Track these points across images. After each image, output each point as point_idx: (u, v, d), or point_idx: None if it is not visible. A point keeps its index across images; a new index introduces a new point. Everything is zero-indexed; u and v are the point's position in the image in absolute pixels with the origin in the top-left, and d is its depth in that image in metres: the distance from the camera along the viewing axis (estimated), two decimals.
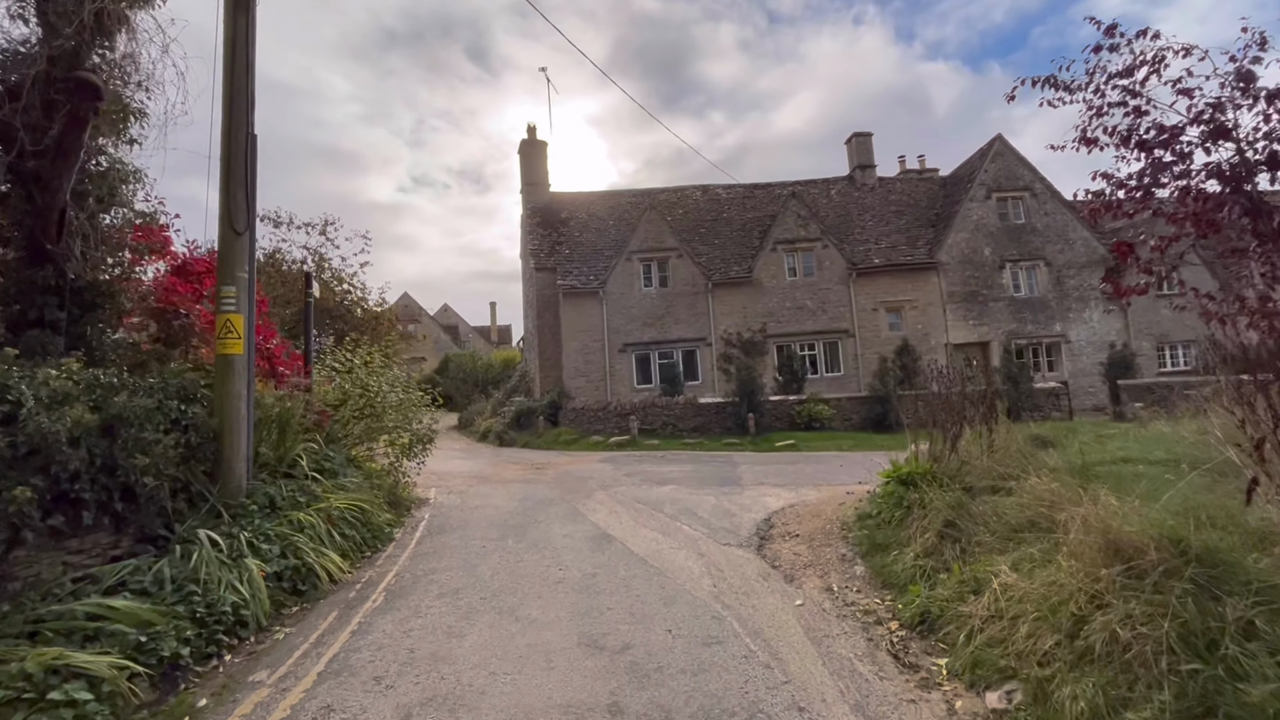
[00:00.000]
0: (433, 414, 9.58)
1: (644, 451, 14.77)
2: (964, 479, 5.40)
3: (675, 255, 21.43)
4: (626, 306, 21.12)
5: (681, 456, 13.37)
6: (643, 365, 21.15)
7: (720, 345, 20.94)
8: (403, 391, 8.94)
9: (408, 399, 8.68)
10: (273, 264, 23.64)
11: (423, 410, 9.13)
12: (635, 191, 25.48)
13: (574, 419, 18.15)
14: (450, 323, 65.10)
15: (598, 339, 20.93)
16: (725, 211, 24.10)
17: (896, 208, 23.68)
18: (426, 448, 9.05)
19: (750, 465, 11.42)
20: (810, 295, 21.26)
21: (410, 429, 8.65)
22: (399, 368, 9.32)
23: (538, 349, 22.20)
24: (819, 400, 16.06)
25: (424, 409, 9.15)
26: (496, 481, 10.84)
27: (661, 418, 16.41)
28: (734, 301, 21.25)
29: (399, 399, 8.51)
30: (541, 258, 22.37)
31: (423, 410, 9.13)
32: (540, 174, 24.80)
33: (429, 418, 9.18)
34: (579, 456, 14.51)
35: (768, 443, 14.51)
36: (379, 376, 8.66)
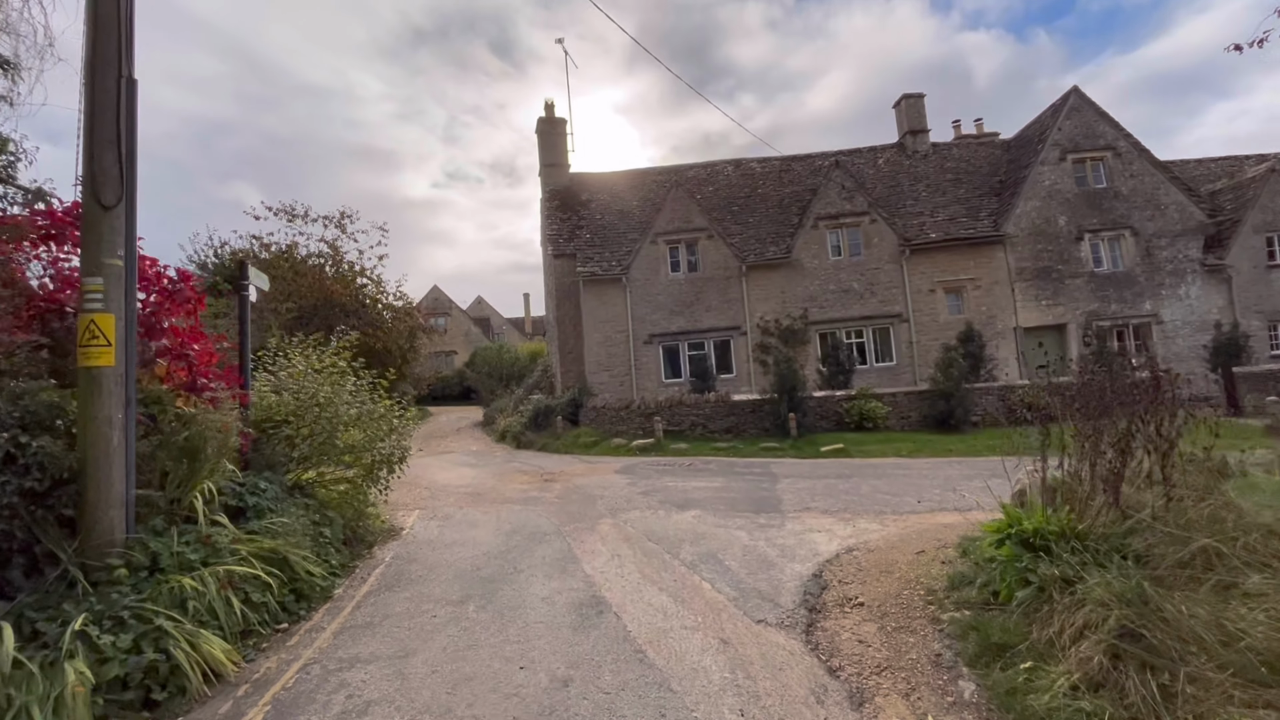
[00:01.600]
0: (406, 427, 8.00)
1: (669, 458, 13.03)
2: (1133, 543, 3.50)
3: (705, 236, 19.50)
4: (652, 294, 19.35)
5: (711, 465, 11.59)
6: (671, 358, 19.37)
7: (756, 334, 18.97)
8: (366, 402, 7.41)
9: (368, 413, 7.11)
10: (287, 259, 22.75)
11: (391, 425, 7.56)
12: (661, 169, 23.57)
13: (595, 419, 16.54)
14: (483, 315, 64.51)
15: (621, 330, 19.24)
16: (760, 187, 21.98)
17: (954, 176, 21.13)
18: (396, 470, 7.49)
19: (792, 480, 9.56)
20: (857, 276, 19.04)
21: (373, 449, 7.09)
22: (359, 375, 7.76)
23: (558, 342, 20.65)
24: (871, 396, 13.99)
25: (391, 423, 7.57)
26: (492, 501, 9.28)
27: (690, 417, 14.63)
28: (771, 286, 19.22)
29: (356, 413, 6.96)
30: (560, 243, 20.74)
31: (391, 425, 7.56)
32: (559, 154, 23.14)
33: (395, 436, 7.58)
34: (596, 463, 12.89)
35: (811, 446, 12.58)
36: (336, 385, 7.15)
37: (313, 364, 7.25)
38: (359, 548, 6.78)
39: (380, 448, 7.06)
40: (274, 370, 7.24)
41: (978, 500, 7.16)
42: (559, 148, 23.13)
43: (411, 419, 8.47)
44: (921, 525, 6.48)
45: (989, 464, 10.21)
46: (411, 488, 11.08)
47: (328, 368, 7.39)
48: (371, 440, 7.03)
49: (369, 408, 7.20)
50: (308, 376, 7.07)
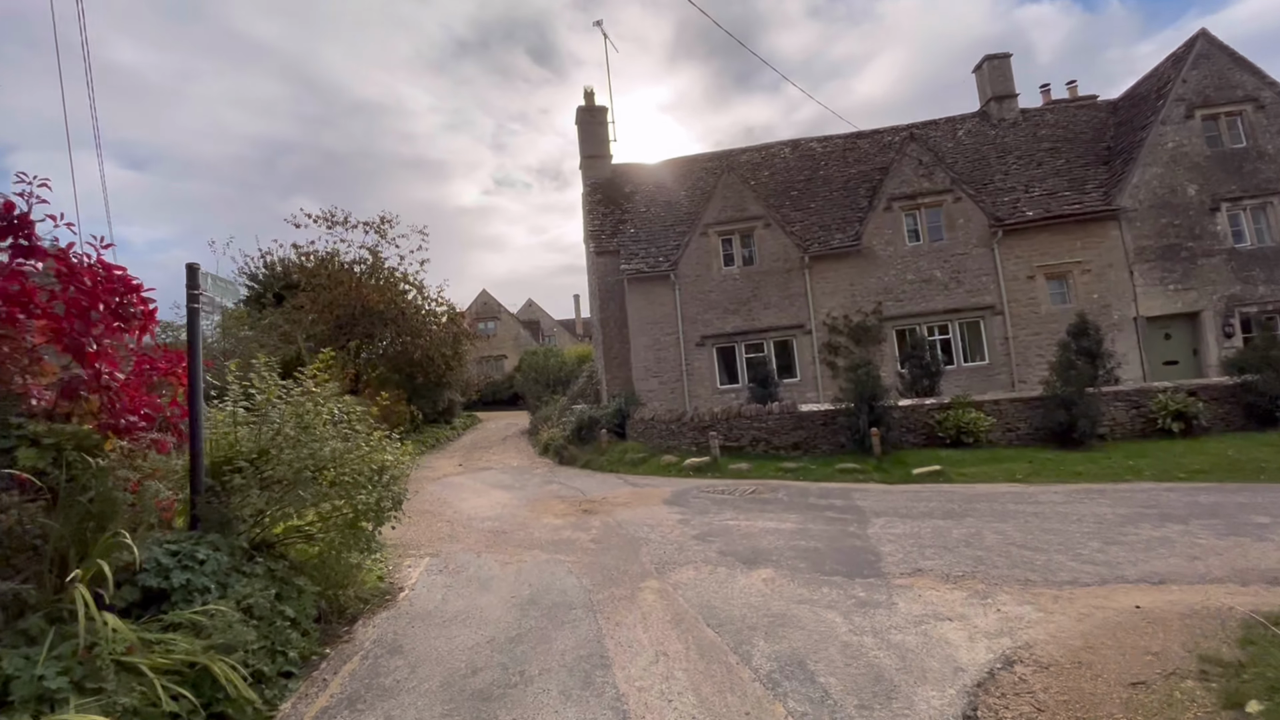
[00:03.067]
0: (403, 465, 6.54)
1: (728, 480, 11.23)
2: None
3: (761, 225, 17.53)
4: (704, 291, 17.54)
5: (779, 493, 9.72)
6: (726, 361, 17.52)
7: (823, 333, 16.88)
8: (351, 436, 5.98)
9: (341, 452, 5.65)
10: (326, 267, 22.16)
11: (381, 464, 6.09)
12: (710, 155, 21.70)
13: (643, 432, 14.89)
14: (532, 318, 64.13)
15: (671, 331, 17.52)
16: (822, 169, 19.79)
17: (1051, 145, 18.34)
18: (388, 517, 6.01)
19: (887, 519, 7.60)
20: (940, 264, 16.65)
21: (353, 499, 5.60)
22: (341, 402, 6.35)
23: (602, 346, 19.13)
24: (969, 404, 11.73)
25: (382, 461, 6.10)
26: (517, 545, 7.75)
27: (751, 431, 12.76)
28: (838, 278, 17.07)
29: (330, 451, 5.50)
30: (603, 239, 19.21)
31: (381, 464, 6.09)
32: (600, 144, 21.62)
33: (388, 478, 6.09)
34: (643, 487, 11.23)
35: (900, 467, 10.52)
36: (309, 414, 5.74)
37: (273, 389, 5.85)
38: (337, 624, 5.34)
39: (361, 498, 5.58)
40: (252, 398, 5.89)
41: (1176, 565, 5.10)
42: (600, 138, 21.62)
43: (409, 454, 7.00)
44: (1104, 611, 4.49)
45: (1145, 495, 7.96)
46: (434, 519, 9.73)
47: (306, 393, 6.00)
48: (351, 486, 5.56)
49: (343, 446, 5.73)
50: (272, 405, 5.69)
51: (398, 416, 20.33)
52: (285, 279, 23.42)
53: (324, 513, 5.72)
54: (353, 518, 5.66)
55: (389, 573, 6.79)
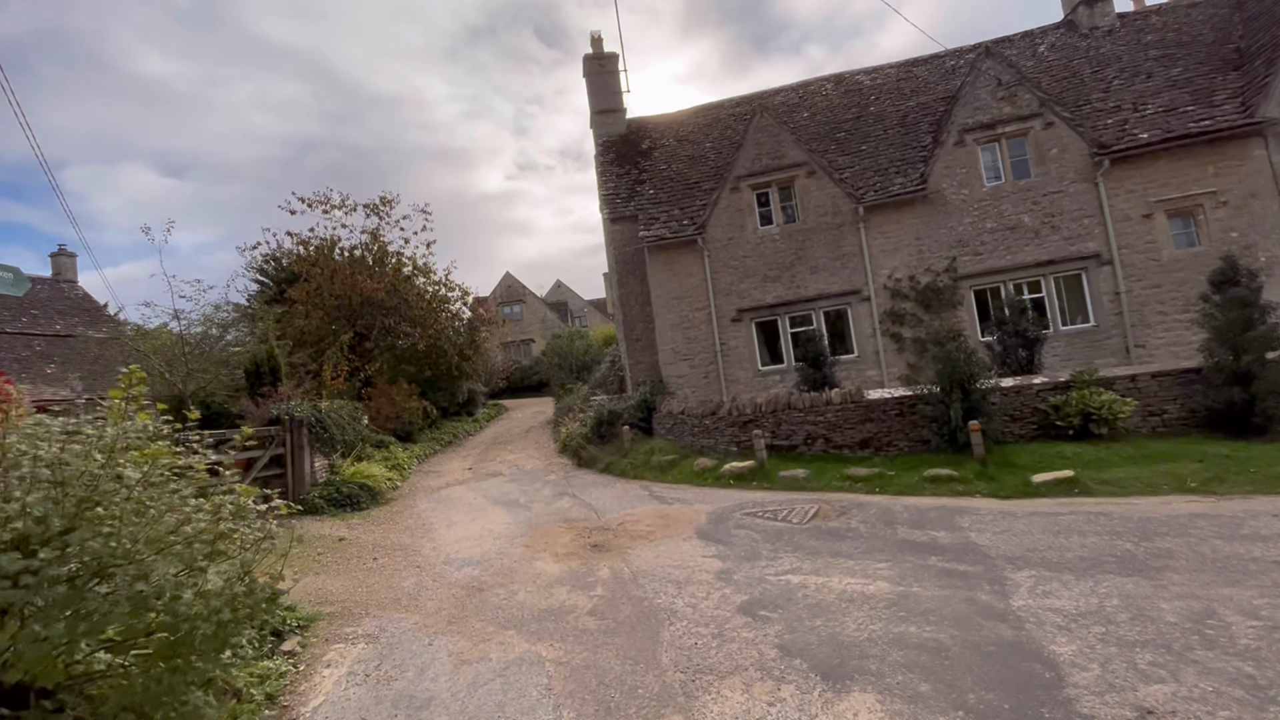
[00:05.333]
0: (274, 546, 4.31)
1: (780, 494, 8.78)
2: None
3: (804, 174, 14.71)
4: (738, 257, 14.90)
5: (854, 518, 7.22)
6: (767, 338, 14.91)
7: (884, 299, 14.08)
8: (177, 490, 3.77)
9: (159, 523, 3.39)
10: (323, 254, 20.23)
11: (236, 539, 3.84)
12: (738, 100, 18.77)
13: (672, 428, 12.53)
14: (560, 300, 62.18)
15: (701, 306, 14.99)
16: (872, 104, 16.72)
17: (1161, 52, 14.84)
18: (241, 635, 3.77)
19: (1033, 571, 5.05)
20: (1028, 206, 13.58)
21: (174, 608, 3.36)
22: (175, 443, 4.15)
23: (624, 327, 16.72)
24: (1094, 382, 8.90)
25: (233, 535, 3.86)
26: (489, 619, 5.49)
27: (805, 426, 10.23)
28: (900, 231, 14.18)
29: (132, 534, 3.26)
30: (618, 204, 16.67)
31: (236, 539, 3.84)
32: (612, 96, 18.94)
33: (245, 586, 3.84)
34: (672, 505, 8.89)
35: (1012, 472, 7.89)
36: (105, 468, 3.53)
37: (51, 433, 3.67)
38: None
39: (189, 606, 3.33)
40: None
41: None
42: (611, 89, 18.92)
43: (415, 456, 4.79)
44: None
45: None
46: (402, 562, 7.60)
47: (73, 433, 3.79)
48: (161, 595, 3.32)
49: (169, 520, 3.50)
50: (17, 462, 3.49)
51: (409, 413, 18.50)
52: (289, 272, 21.59)
53: (124, 633, 3.52)
54: (173, 643, 3.43)
55: (289, 684, 4.63)
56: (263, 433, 10.34)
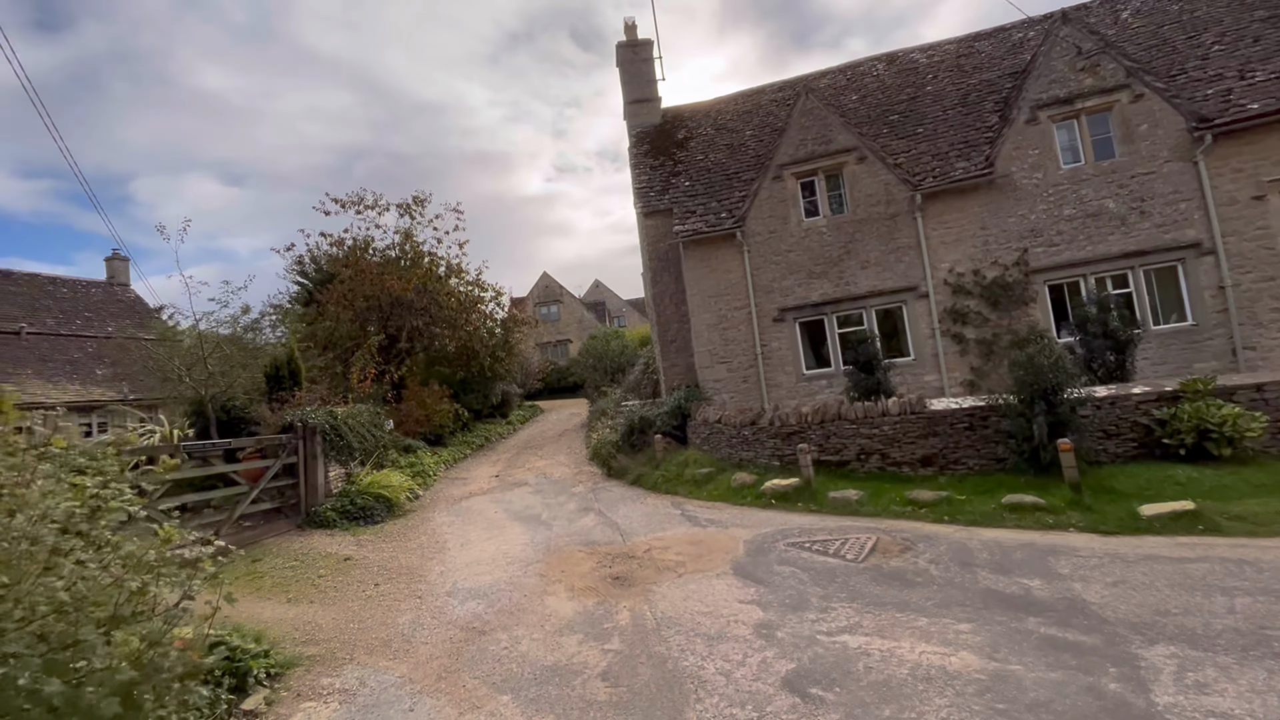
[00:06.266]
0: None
1: (830, 519, 7.70)
2: None
3: (853, 159, 13.47)
4: (780, 251, 13.77)
5: (922, 556, 6.10)
6: (813, 339, 13.74)
7: (944, 295, 12.73)
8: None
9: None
10: (355, 255, 19.97)
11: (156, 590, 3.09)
12: (781, 84, 17.59)
13: (708, 437, 11.54)
14: (597, 300, 61.71)
15: (740, 305, 13.92)
16: (930, 83, 15.30)
17: (1269, 12, 12.98)
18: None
19: (1174, 648, 3.88)
20: (1113, 190, 12.02)
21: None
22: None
23: (658, 328, 15.78)
24: (1209, 392, 7.49)
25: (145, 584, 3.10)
26: (483, 677, 4.64)
27: (858, 440, 9.09)
28: (963, 220, 12.80)
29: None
30: (652, 197, 15.73)
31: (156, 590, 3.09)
32: (646, 85, 18.02)
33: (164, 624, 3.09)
34: (706, 528, 7.91)
35: (1112, 500, 6.61)
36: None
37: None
38: None
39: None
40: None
41: None
42: (645, 77, 18.00)
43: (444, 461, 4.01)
44: None
45: None
46: (403, 590, 6.86)
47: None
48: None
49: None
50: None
51: (440, 416, 18.03)
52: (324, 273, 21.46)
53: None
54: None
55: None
56: (274, 441, 9.85)
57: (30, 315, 22.35)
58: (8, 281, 23.21)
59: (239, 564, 7.99)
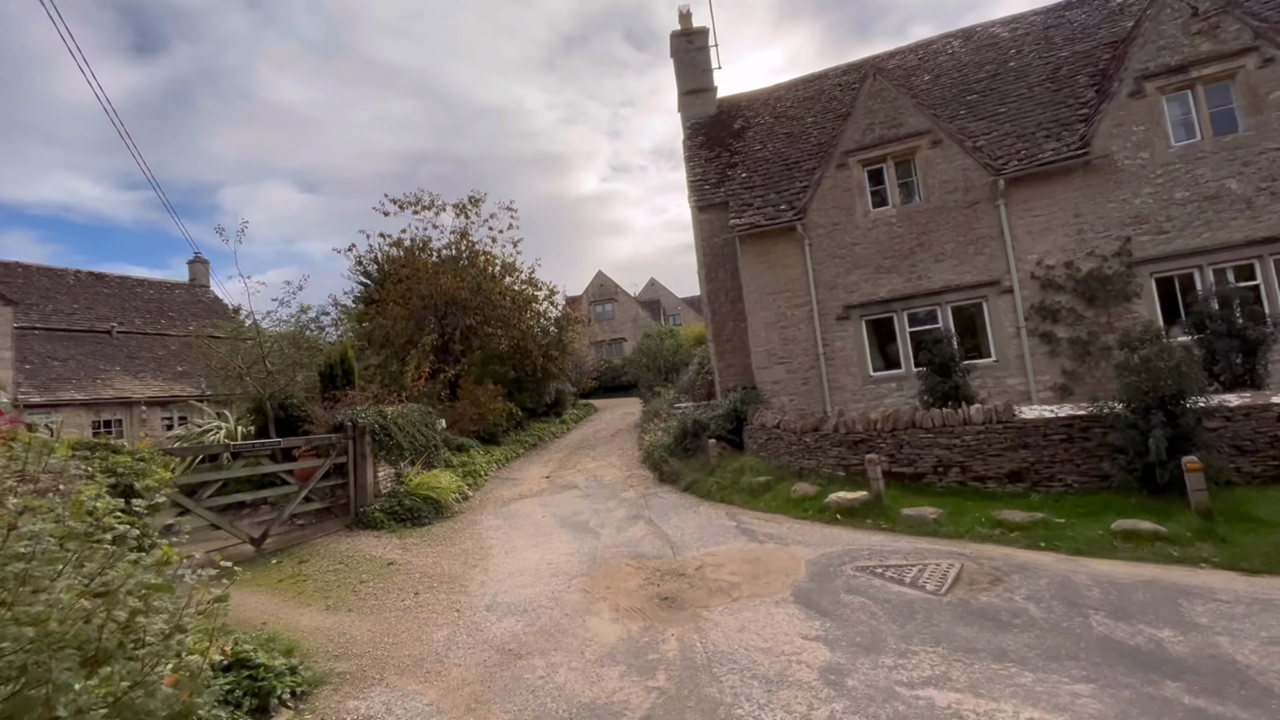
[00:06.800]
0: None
1: (904, 540, 6.91)
2: None
3: (927, 144, 12.42)
4: (845, 245, 12.88)
5: (1017, 591, 5.27)
6: (881, 338, 12.77)
7: (1031, 290, 11.53)
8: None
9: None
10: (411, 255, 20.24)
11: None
12: (846, 67, 16.58)
13: (765, 443, 10.85)
14: (653, 298, 61.36)
15: (800, 302, 13.10)
16: (1013, 58, 14.00)
17: None
18: None
19: None
20: (1236, 168, 10.54)
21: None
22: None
23: (712, 327, 15.14)
24: None
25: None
26: (514, 707, 4.22)
27: (935, 450, 8.21)
28: (1053, 207, 11.56)
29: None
30: (706, 190, 15.09)
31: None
32: (701, 75, 17.38)
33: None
34: (764, 545, 7.27)
35: (1252, 532, 5.58)
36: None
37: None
38: None
39: None
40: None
41: None
42: (700, 67, 17.36)
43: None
44: None
45: None
46: (443, 600, 6.57)
47: None
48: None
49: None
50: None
51: (494, 415, 18.02)
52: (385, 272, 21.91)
53: None
54: None
55: None
56: (324, 440, 9.84)
57: (120, 315, 23.86)
58: (101, 284, 24.88)
59: (286, 565, 7.96)
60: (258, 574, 7.62)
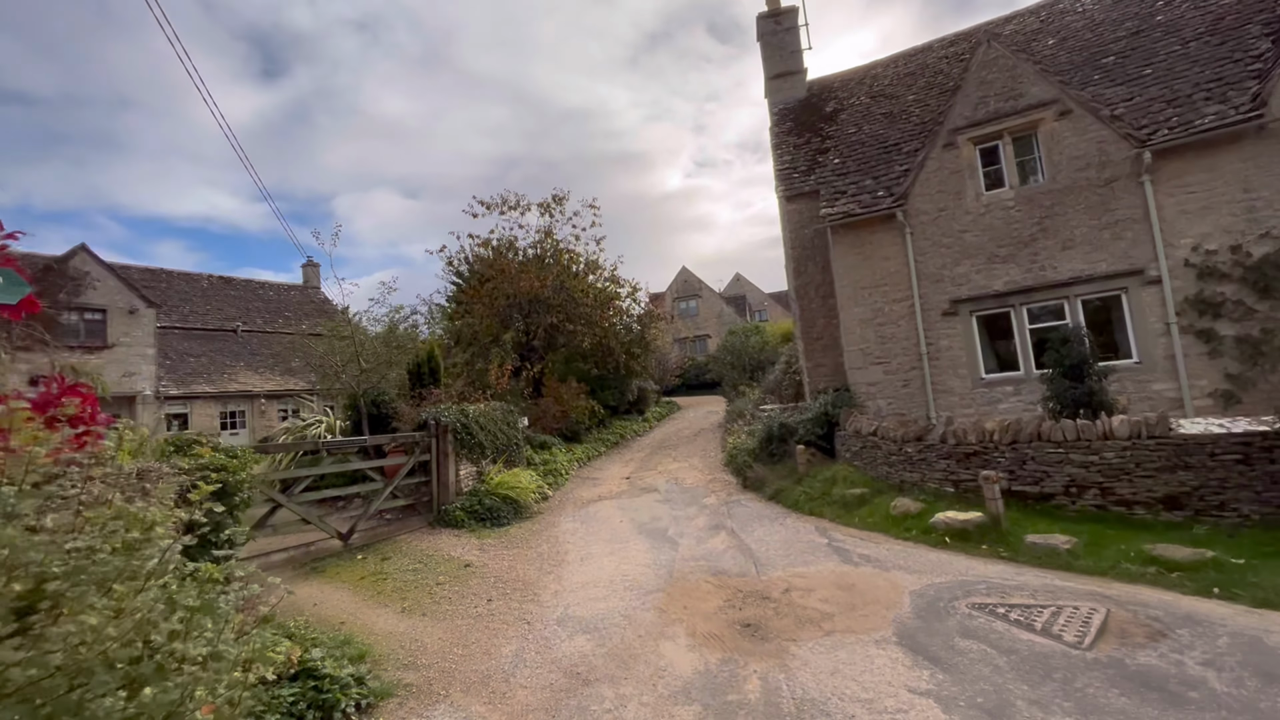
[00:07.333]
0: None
1: (1029, 574, 5.95)
2: None
3: (1052, 114, 10.94)
4: (953, 232, 11.63)
5: (1194, 662, 4.27)
6: (994, 336, 11.44)
7: (1186, 280, 9.86)
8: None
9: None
10: (499, 255, 20.66)
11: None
12: (954, 37, 15.07)
13: (860, 451, 9.96)
14: (738, 293, 60.14)
15: (900, 297, 12.00)
16: (1162, 10, 12.10)
17: None
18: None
19: None
20: None
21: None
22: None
23: (801, 324, 14.24)
24: None
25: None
26: None
27: (1066, 467, 7.09)
28: (1212, 181, 9.81)
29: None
30: (795, 179, 14.20)
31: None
32: (790, 58, 16.42)
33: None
34: (859, 568, 6.53)
35: None
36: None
37: None
38: None
39: None
40: None
41: None
42: (789, 48, 16.40)
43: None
44: None
45: None
46: (514, 608, 6.37)
47: None
48: None
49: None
50: None
51: (577, 413, 18.06)
52: (475, 273, 22.58)
53: None
54: None
55: None
56: (409, 438, 10.03)
57: (244, 315, 26.11)
58: (229, 287, 27.34)
59: (369, 561, 8.11)
60: (343, 569, 7.80)
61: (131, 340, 18.99)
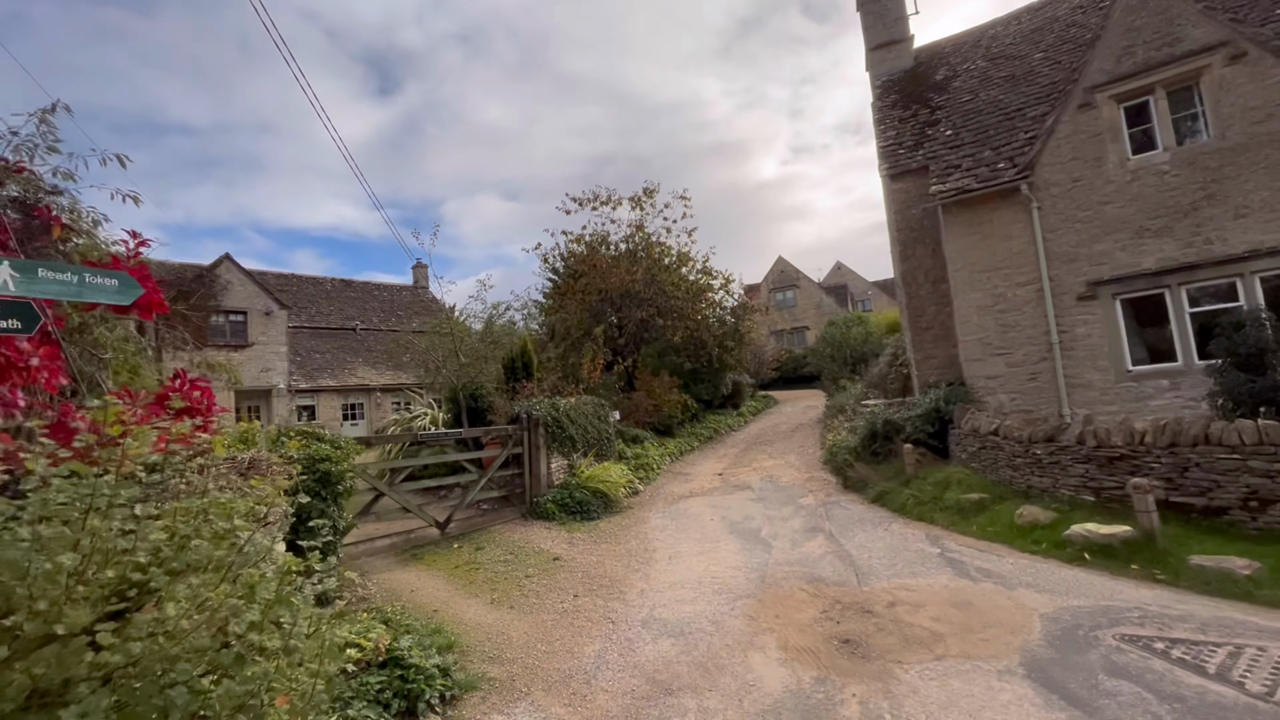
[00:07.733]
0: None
1: (1197, 601, 5.01)
2: None
3: (1221, 59, 9.28)
4: (1091, 204, 10.22)
5: None
6: (1142, 322, 9.93)
7: None
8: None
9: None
10: (592, 250, 20.91)
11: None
12: None
13: (977, 452, 9.00)
14: (838, 283, 57.49)
15: (1025, 280, 10.73)
16: None
17: None
18: None
19: None
20: None
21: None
22: None
23: (908, 312, 13.15)
24: None
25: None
26: None
27: (1241, 477, 5.94)
28: None
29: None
30: (901, 155, 13.11)
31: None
32: (893, 25, 15.20)
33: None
34: (979, 584, 5.83)
35: None
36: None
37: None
38: None
39: None
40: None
41: None
42: (893, 15, 15.17)
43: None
44: None
45: None
46: (599, 605, 6.28)
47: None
48: None
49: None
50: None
51: (669, 407, 17.93)
52: (570, 268, 23.05)
53: None
54: None
55: None
56: (502, 431, 10.27)
57: (362, 315, 28.26)
58: (349, 289, 29.70)
59: (464, 550, 8.36)
60: (439, 557, 8.10)
61: (268, 339, 21.09)
